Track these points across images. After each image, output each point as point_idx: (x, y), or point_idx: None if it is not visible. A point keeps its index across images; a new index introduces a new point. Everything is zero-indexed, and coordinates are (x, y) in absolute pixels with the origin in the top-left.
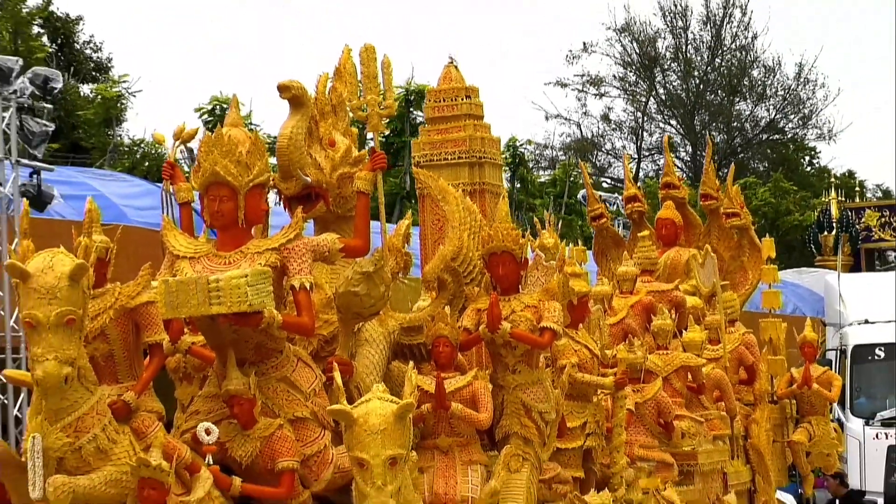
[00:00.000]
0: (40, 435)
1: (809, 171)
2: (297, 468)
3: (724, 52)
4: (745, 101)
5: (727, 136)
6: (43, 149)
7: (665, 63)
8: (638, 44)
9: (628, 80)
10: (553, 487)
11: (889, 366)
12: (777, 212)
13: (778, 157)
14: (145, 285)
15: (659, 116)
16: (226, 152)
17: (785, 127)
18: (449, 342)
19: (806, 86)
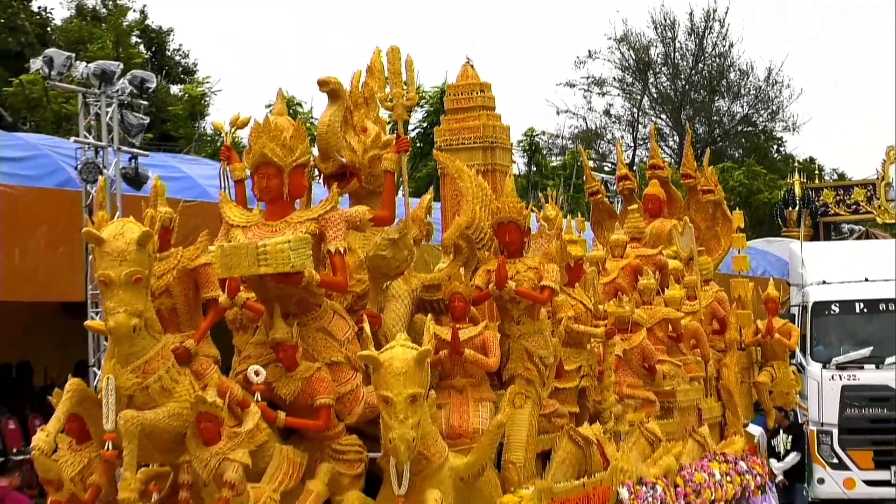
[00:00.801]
0: (113, 376)
1: (777, 157)
2: (333, 404)
3: (706, 58)
4: (723, 99)
5: (708, 128)
6: (139, 138)
7: (656, 67)
8: (634, 51)
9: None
10: (552, 421)
11: (842, 319)
12: (750, 191)
13: (751, 146)
14: (203, 249)
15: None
16: (272, 137)
17: (756, 120)
18: (463, 298)
19: (774, 86)
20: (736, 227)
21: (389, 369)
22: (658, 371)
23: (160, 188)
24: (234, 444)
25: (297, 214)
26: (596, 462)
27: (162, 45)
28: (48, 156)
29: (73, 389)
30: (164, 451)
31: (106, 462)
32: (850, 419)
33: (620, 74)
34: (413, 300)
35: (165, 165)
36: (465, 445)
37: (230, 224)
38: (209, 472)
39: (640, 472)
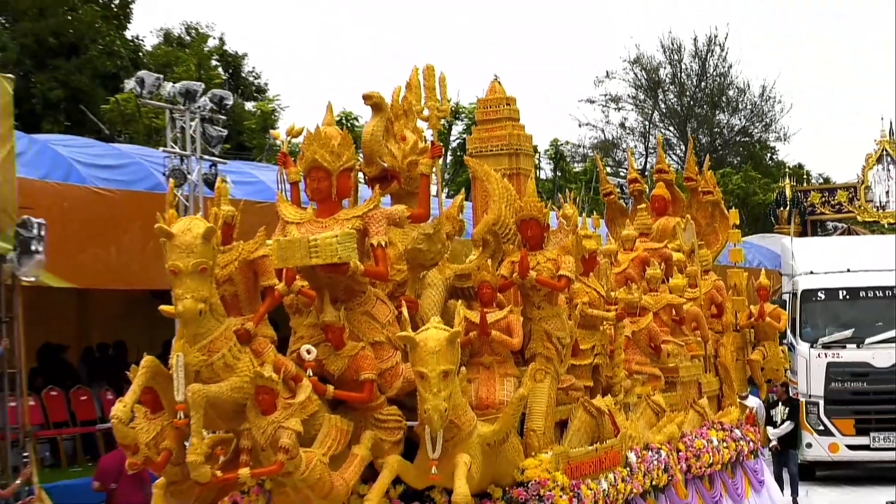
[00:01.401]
0: (182, 354)
1: (770, 163)
2: (376, 379)
3: (708, 78)
4: (723, 113)
5: (710, 138)
6: (219, 148)
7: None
8: (645, 72)
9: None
10: (569, 393)
11: (827, 305)
12: (746, 193)
13: (747, 154)
14: (262, 243)
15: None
16: (322, 144)
17: (752, 132)
18: (490, 286)
19: (767, 102)
20: (732, 224)
21: (424, 348)
22: (663, 350)
23: (223, 189)
24: (288, 413)
25: (345, 212)
26: (607, 430)
27: (238, 67)
28: (140, 164)
29: (147, 366)
30: (227, 420)
31: (176, 429)
32: (835, 392)
33: (634, 92)
34: (447, 288)
35: (240, 172)
36: (491, 415)
37: (286, 221)
38: (266, 438)
39: (646, 438)
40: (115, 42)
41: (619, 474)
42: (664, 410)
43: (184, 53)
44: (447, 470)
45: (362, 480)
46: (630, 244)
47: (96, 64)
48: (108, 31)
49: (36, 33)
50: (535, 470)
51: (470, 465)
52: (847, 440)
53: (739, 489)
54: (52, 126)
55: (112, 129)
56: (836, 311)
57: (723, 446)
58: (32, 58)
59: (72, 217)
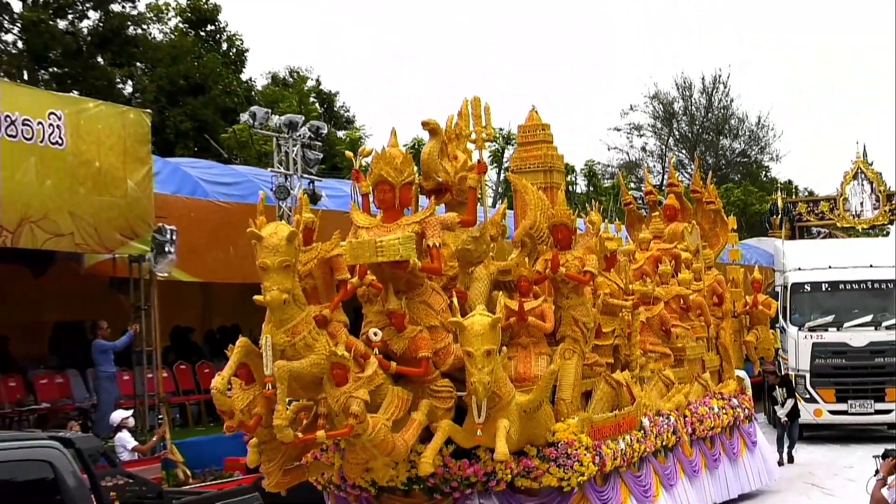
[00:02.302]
0: (270, 336)
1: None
2: (431, 356)
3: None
4: (726, 138)
5: (716, 159)
6: (316, 168)
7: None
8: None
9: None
10: (593, 369)
11: (813, 295)
12: (745, 204)
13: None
14: (336, 244)
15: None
16: (387, 162)
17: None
18: (527, 279)
19: (762, 129)
20: (730, 229)
21: (471, 331)
22: (672, 333)
23: (304, 200)
24: (357, 385)
25: (406, 219)
26: (625, 399)
27: (331, 103)
28: (252, 181)
29: (241, 345)
30: (308, 390)
31: (266, 398)
32: (819, 367)
33: (652, 122)
34: (491, 281)
35: (333, 188)
36: (527, 387)
37: (357, 226)
38: (339, 405)
39: (658, 406)
40: (232, 83)
41: (634, 436)
42: (673, 383)
43: (287, 92)
44: (490, 432)
45: (419, 441)
46: (646, 245)
47: (218, 101)
48: (227, 75)
49: (169, 77)
50: (564, 432)
51: (509, 429)
52: (829, 406)
53: (736, 449)
54: (182, 151)
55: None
56: (820, 301)
57: (722, 413)
58: (167, 96)
59: (197, 224)
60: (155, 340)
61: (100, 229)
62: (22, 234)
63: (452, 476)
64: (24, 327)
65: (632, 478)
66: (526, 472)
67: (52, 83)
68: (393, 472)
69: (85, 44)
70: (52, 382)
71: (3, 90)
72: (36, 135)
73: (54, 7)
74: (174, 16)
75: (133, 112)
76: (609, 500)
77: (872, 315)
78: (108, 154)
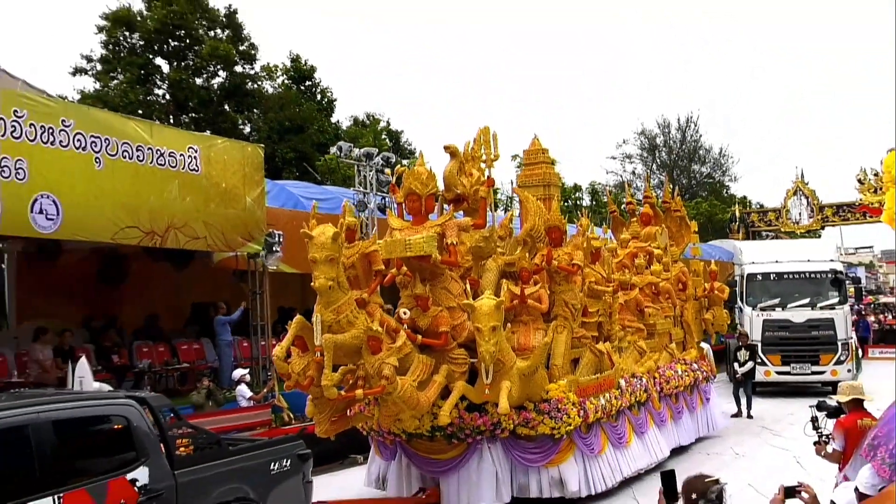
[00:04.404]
0: (319, 314)
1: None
2: (449, 331)
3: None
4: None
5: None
6: (386, 188)
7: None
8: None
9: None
10: (581, 341)
11: (763, 283)
12: (711, 214)
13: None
14: (374, 241)
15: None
16: (415, 178)
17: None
18: (528, 270)
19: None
20: (693, 231)
21: (480, 311)
22: (645, 312)
23: (346, 208)
24: (389, 353)
25: (430, 223)
26: (606, 364)
27: (398, 139)
28: (339, 198)
29: (297, 322)
30: (349, 357)
31: (317, 363)
32: (768, 338)
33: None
34: (500, 271)
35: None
36: (527, 355)
37: (392, 228)
38: (374, 370)
39: (633, 370)
40: (324, 124)
41: (613, 394)
42: (645, 351)
43: (365, 130)
44: (495, 391)
45: (440, 397)
46: (625, 243)
47: (313, 138)
48: (320, 118)
49: (277, 120)
50: (556, 391)
51: (510, 388)
52: (776, 368)
53: (695, 403)
54: (287, 175)
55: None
56: (769, 287)
57: (685, 375)
58: (276, 134)
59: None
60: (266, 317)
61: (226, 234)
62: (168, 237)
63: (466, 425)
64: (169, 307)
65: (610, 427)
66: (525, 422)
67: (191, 125)
68: (418, 423)
69: (215, 96)
70: (190, 348)
71: (154, 131)
72: (178, 164)
73: (193, 69)
74: (281, 74)
75: (250, 146)
76: (592, 445)
77: (810, 298)
78: (232, 178)
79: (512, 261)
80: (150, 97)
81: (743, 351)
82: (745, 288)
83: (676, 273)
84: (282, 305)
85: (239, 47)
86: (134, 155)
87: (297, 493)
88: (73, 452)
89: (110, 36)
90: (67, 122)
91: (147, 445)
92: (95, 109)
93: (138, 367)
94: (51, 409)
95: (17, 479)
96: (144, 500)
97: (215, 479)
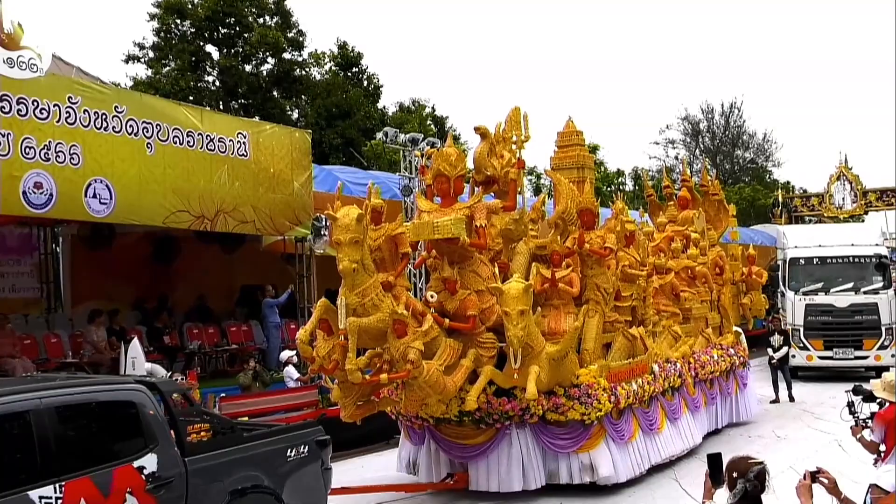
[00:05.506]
0: (344, 297)
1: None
2: (478, 314)
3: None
4: (740, 149)
5: (731, 166)
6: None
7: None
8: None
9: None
10: (614, 325)
11: (806, 268)
12: (754, 199)
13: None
14: (400, 223)
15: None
16: (444, 159)
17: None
18: (559, 253)
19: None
20: (731, 215)
21: (508, 295)
22: (681, 296)
23: (371, 189)
24: (414, 337)
25: (459, 205)
26: (639, 349)
27: (443, 124)
28: (385, 182)
29: (322, 305)
30: (374, 341)
31: (342, 347)
32: (811, 322)
33: (683, 137)
34: (530, 255)
35: None
36: (558, 339)
37: (420, 210)
38: (399, 354)
39: (667, 355)
40: (371, 110)
41: (645, 379)
42: (680, 336)
43: (411, 116)
44: (524, 376)
45: (468, 381)
46: (662, 227)
47: (360, 123)
48: (367, 104)
49: (325, 106)
50: (586, 376)
51: (539, 374)
52: (818, 353)
53: (730, 389)
54: (334, 161)
55: (368, 162)
56: (812, 272)
57: (721, 360)
58: (323, 120)
59: None
60: (313, 299)
61: (274, 218)
62: (217, 221)
63: (494, 410)
64: (219, 290)
65: (642, 413)
66: (555, 408)
67: (240, 111)
68: (444, 408)
69: (264, 82)
70: (238, 330)
71: (204, 117)
72: (228, 149)
73: (242, 56)
74: (329, 61)
75: (298, 132)
76: (622, 431)
77: (853, 283)
78: (280, 163)
79: (543, 244)
80: (200, 84)
81: (777, 336)
82: (787, 272)
83: (713, 257)
84: (329, 288)
85: (287, 34)
86: (184, 140)
87: (315, 480)
88: (77, 439)
89: (162, 23)
90: (120, 109)
91: (156, 432)
92: (147, 96)
93: (189, 348)
94: (53, 395)
95: (15, 468)
96: (152, 487)
97: (228, 466)
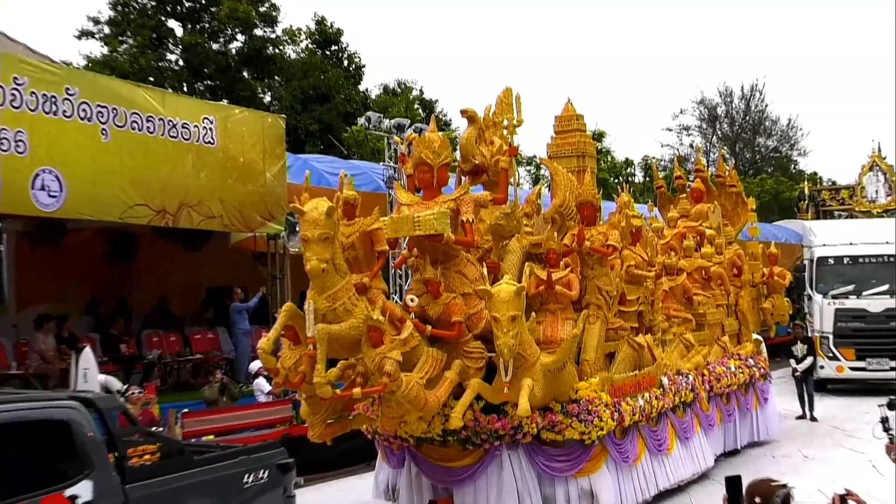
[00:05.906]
0: (312, 301)
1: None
2: (464, 321)
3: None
4: (761, 137)
5: (752, 155)
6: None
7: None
8: (707, 109)
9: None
10: (618, 332)
11: (836, 268)
12: (778, 192)
13: (778, 165)
14: (376, 218)
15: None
16: (426, 146)
17: (782, 150)
18: (556, 252)
19: (792, 129)
20: (750, 209)
21: (497, 298)
22: (694, 300)
23: (343, 180)
24: (392, 346)
25: (443, 197)
26: (647, 359)
27: (432, 108)
28: (368, 173)
29: (286, 310)
30: (347, 351)
31: (310, 357)
32: (841, 329)
33: (699, 123)
34: (524, 253)
35: None
36: (554, 348)
37: (400, 203)
38: (374, 365)
39: (678, 366)
40: (351, 93)
41: (653, 394)
42: (693, 345)
43: (396, 100)
44: (516, 390)
45: (454, 397)
46: (674, 223)
47: (339, 107)
48: (347, 86)
49: (301, 88)
50: (586, 390)
51: (532, 387)
52: (849, 364)
53: (749, 404)
54: (311, 149)
55: (349, 150)
56: (842, 272)
57: (739, 372)
58: (299, 104)
59: None
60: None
61: (243, 212)
62: (181, 216)
63: (482, 429)
64: (182, 292)
65: (649, 432)
66: (550, 426)
67: (206, 94)
68: (426, 426)
69: (233, 62)
70: (204, 337)
71: (166, 100)
72: (193, 136)
73: (209, 32)
74: (305, 38)
75: (271, 117)
76: (627, 453)
77: (888, 285)
78: (251, 151)
79: (538, 241)
80: (161, 63)
81: (800, 344)
82: (814, 273)
83: (730, 256)
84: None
85: (259, 9)
86: (144, 126)
87: None
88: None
89: None
90: (72, 91)
91: (92, 455)
92: (102, 76)
93: (148, 357)
94: None
95: None
96: None
97: (176, 494)
